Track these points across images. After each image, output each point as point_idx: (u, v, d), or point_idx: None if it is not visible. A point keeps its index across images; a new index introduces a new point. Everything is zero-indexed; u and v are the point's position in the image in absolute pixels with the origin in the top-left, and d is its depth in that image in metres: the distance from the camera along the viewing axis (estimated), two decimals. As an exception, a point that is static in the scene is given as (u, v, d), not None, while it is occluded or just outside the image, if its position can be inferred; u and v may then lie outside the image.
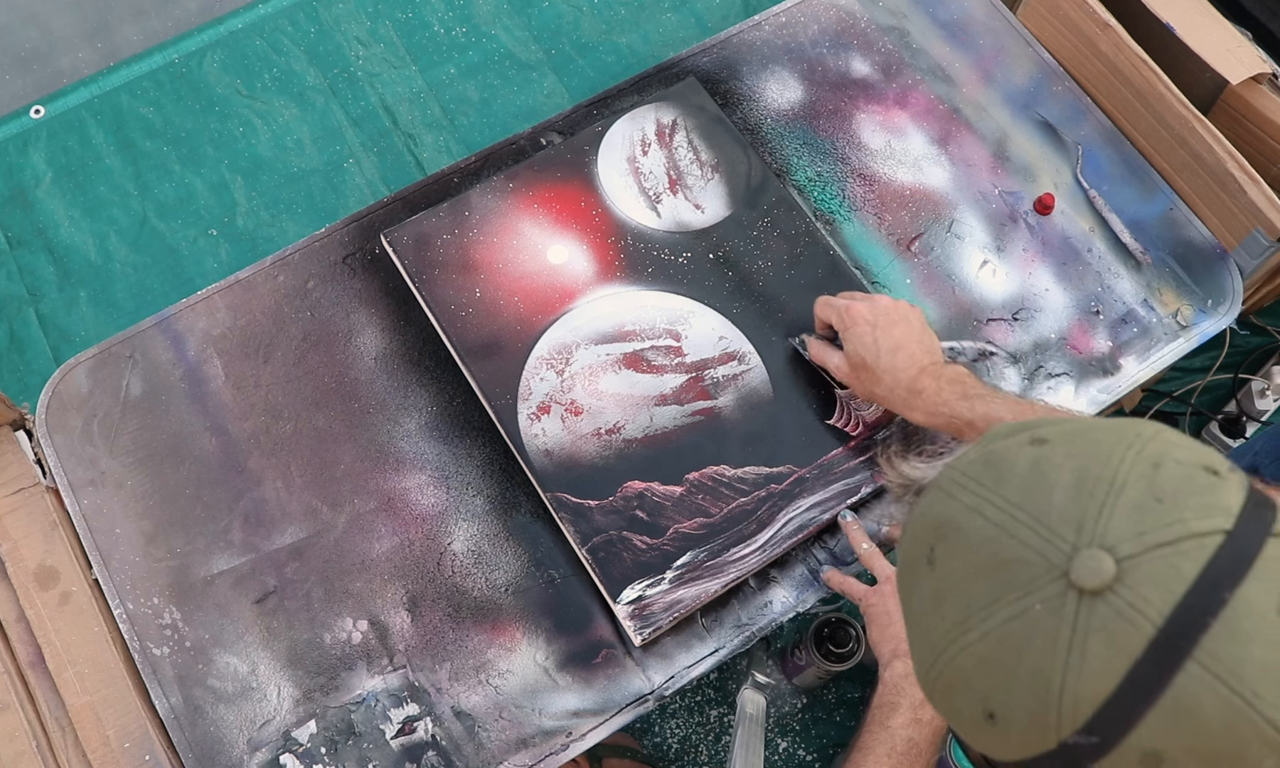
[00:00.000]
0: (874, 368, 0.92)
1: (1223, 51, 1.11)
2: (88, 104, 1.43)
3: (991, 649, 0.47)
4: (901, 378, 0.90)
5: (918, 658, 0.52)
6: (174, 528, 0.95)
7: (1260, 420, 1.34)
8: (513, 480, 0.98)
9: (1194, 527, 0.45)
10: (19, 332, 1.31)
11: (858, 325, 0.93)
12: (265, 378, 1.02)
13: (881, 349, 0.91)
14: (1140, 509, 0.46)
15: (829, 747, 1.18)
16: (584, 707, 0.91)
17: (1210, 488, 0.47)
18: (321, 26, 1.49)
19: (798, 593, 0.95)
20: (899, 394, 0.91)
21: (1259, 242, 1.06)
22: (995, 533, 0.48)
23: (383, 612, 0.93)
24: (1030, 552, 0.47)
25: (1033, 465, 0.49)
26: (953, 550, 0.50)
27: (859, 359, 0.93)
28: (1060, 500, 0.47)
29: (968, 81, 1.18)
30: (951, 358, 0.97)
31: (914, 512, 0.54)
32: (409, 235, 1.06)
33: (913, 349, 0.91)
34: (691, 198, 1.09)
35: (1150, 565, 0.44)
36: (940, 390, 0.88)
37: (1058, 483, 0.48)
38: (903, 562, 0.54)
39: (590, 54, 1.48)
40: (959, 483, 0.51)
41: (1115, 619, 0.44)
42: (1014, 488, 0.49)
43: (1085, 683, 0.45)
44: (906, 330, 0.92)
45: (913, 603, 0.52)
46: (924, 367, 0.90)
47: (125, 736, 0.88)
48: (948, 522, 0.50)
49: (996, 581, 0.47)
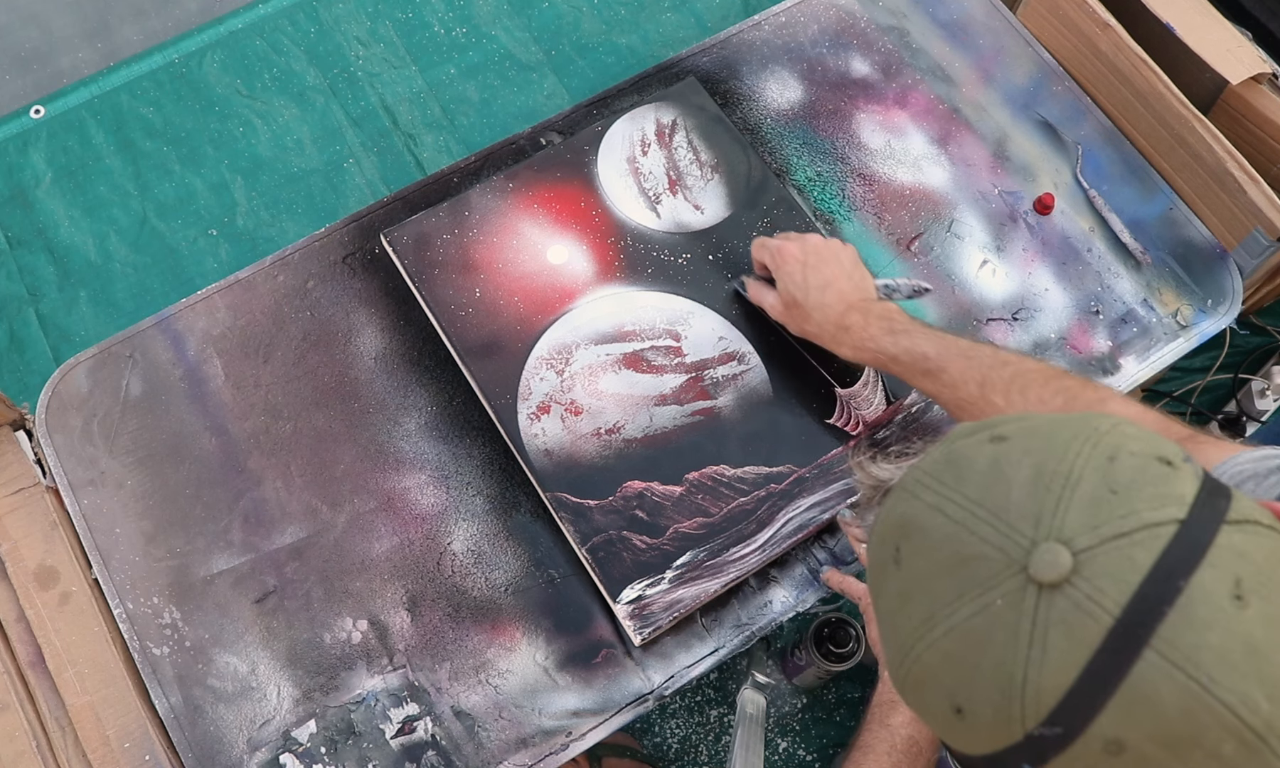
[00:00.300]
0: (804, 305, 0.94)
1: (1223, 51, 1.11)
2: (88, 104, 1.43)
3: (956, 645, 0.48)
4: (830, 314, 0.92)
5: (889, 658, 0.53)
6: (174, 528, 0.95)
7: (1260, 420, 1.34)
8: (513, 480, 0.98)
9: (1148, 517, 0.46)
10: (19, 332, 1.31)
11: (788, 263, 0.95)
12: (265, 378, 1.02)
13: (811, 286, 0.93)
14: (1096, 502, 0.47)
15: (829, 747, 1.18)
16: (584, 707, 0.91)
17: (1164, 478, 0.47)
18: (321, 26, 1.49)
19: (798, 593, 0.95)
20: (828, 330, 0.93)
21: (1259, 241, 1.06)
22: (956, 530, 0.49)
23: (383, 612, 0.93)
24: (990, 548, 0.47)
25: (992, 463, 0.50)
26: (917, 550, 0.51)
27: (790, 297, 0.95)
28: (1018, 496, 0.48)
29: (968, 81, 1.18)
30: (886, 295, 0.98)
31: (880, 512, 0.55)
32: (409, 235, 1.06)
33: (842, 286, 0.93)
34: (691, 198, 1.09)
35: (1106, 557, 0.45)
36: (867, 326, 0.90)
37: (1015, 479, 0.48)
38: (871, 563, 0.55)
39: (590, 54, 1.48)
40: (922, 483, 0.52)
41: (1073, 611, 0.45)
42: (974, 485, 0.49)
43: (1047, 675, 0.45)
44: (836, 268, 0.94)
45: (881, 603, 0.53)
46: (852, 303, 0.92)
47: (125, 736, 0.88)
48: (911, 521, 0.51)
49: (959, 577, 0.48)
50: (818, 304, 0.93)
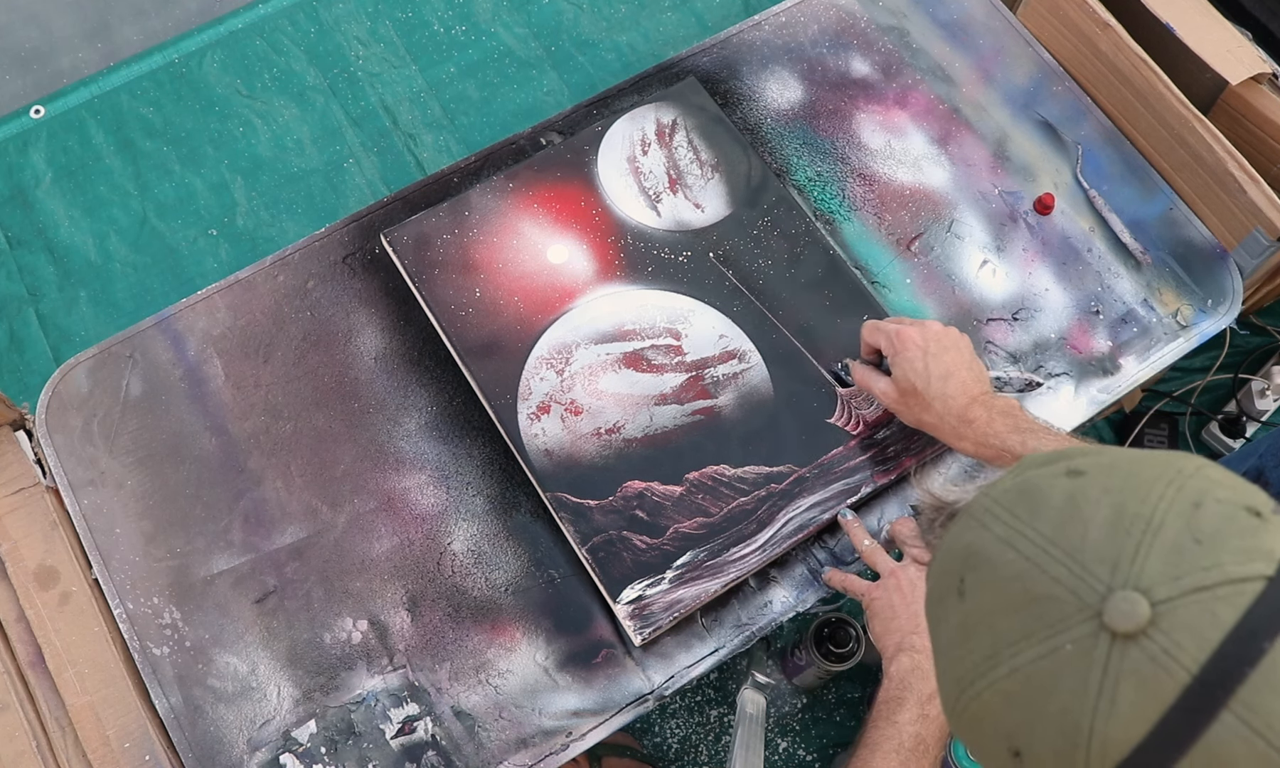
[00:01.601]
0: (924, 394, 0.90)
1: (1223, 51, 1.11)
2: (88, 104, 1.43)
3: (1019, 687, 0.46)
4: (952, 406, 0.89)
5: (944, 689, 0.51)
6: (174, 528, 0.95)
7: (1260, 420, 1.34)
8: (513, 480, 0.98)
9: (1233, 571, 0.44)
10: (19, 332, 1.31)
11: (908, 350, 0.92)
12: (265, 378, 1.02)
13: (933, 375, 0.90)
14: (1178, 551, 0.44)
15: (829, 747, 1.18)
16: (584, 707, 0.91)
17: (1252, 530, 0.45)
18: (321, 26, 1.49)
19: (798, 593, 0.95)
20: (949, 422, 0.90)
21: (1259, 241, 1.06)
22: (1027, 567, 0.47)
23: (383, 612, 0.93)
24: (1062, 589, 0.45)
25: (1068, 499, 0.48)
26: (983, 582, 0.49)
27: (909, 385, 0.91)
28: (1095, 537, 0.46)
29: (968, 81, 1.18)
30: (998, 388, 0.96)
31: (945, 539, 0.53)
32: (409, 235, 1.06)
33: (964, 377, 0.90)
34: (691, 197, 1.09)
35: (1186, 611, 0.43)
36: (991, 421, 0.87)
37: (1093, 519, 0.46)
38: (931, 590, 0.53)
39: (590, 52, 1.48)
40: (992, 512, 0.50)
41: (1148, 665, 0.43)
42: (1048, 521, 0.47)
43: (1115, 728, 0.43)
44: (958, 357, 0.91)
45: (941, 634, 0.51)
46: (975, 396, 0.89)
47: (125, 736, 0.88)
48: (978, 553, 0.49)
49: (1027, 617, 0.46)
50: (939, 394, 0.90)
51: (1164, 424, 1.34)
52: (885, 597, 0.88)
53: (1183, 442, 1.34)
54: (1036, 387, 1.01)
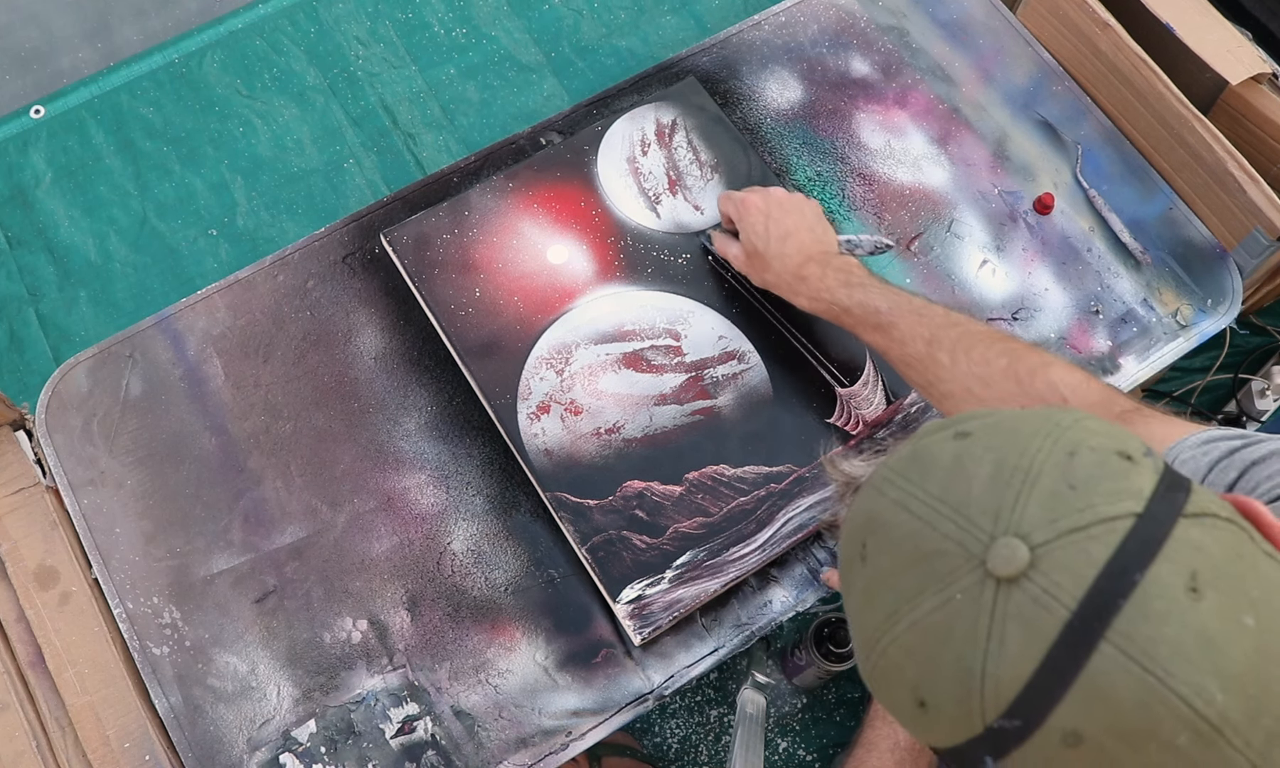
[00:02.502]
0: (764, 254, 0.95)
1: (1223, 51, 1.11)
2: (88, 104, 1.43)
3: (918, 639, 0.48)
4: (789, 264, 0.94)
5: (858, 654, 0.53)
6: (174, 528, 0.95)
7: (1260, 420, 1.34)
8: (512, 480, 0.98)
9: (1104, 511, 0.46)
10: (19, 332, 1.31)
11: (751, 214, 0.97)
12: (265, 378, 1.02)
13: (772, 236, 0.95)
14: (1054, 496, 0.47)
15: (829, 747, 1.18)
16: (584, 706, 0.91)
17: (1124, 473, 0.48)
18: (321, 26, 1.49)
19: (798, 593, 0.95)
20: (786, 279, 0.94)
21: (1259, 241, 1.06)
22: (919, 526, 0.49)
23: (382, 611, 0.93)
24: (951, 543, 0.48)
25: (955, 459, 0.50)
26: (881, 545, 0.51)
27: (751, 246, 0.97)
28: (978, 491, 0.48)
29: (968, 81, 1.18)
30: (848, 251, 0.99)
31: (850, 510, 0.55)
32: (409, 235, 1.06)
33: (803, 238, 0.95)
34: (691, 198, 1.09)
35: (1063, 551, 0.46)
36: (824, 277, 0.92)
37: (976, 474, 0.49)
38: (841, 560, 0.55)
39: (590, 57, 1.48)
40: (888, 479, 0.52)
41: (1030, 605, 0.45)
42: (936, 481, 0.50)
43: (1005, 668, 0.46)
44: (799, 219, 0.96)
45: (850, 600, 0.54)
46: (812, 255, 0.94)
47: (125, 736, 0.88)
48: (876, 517, 0.52)
49: (920, 572, 0.48)
50: (778, 254, 0.95)
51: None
52: None
53: (1183, 442, 1.34)
54: (887, 248, 1.03)
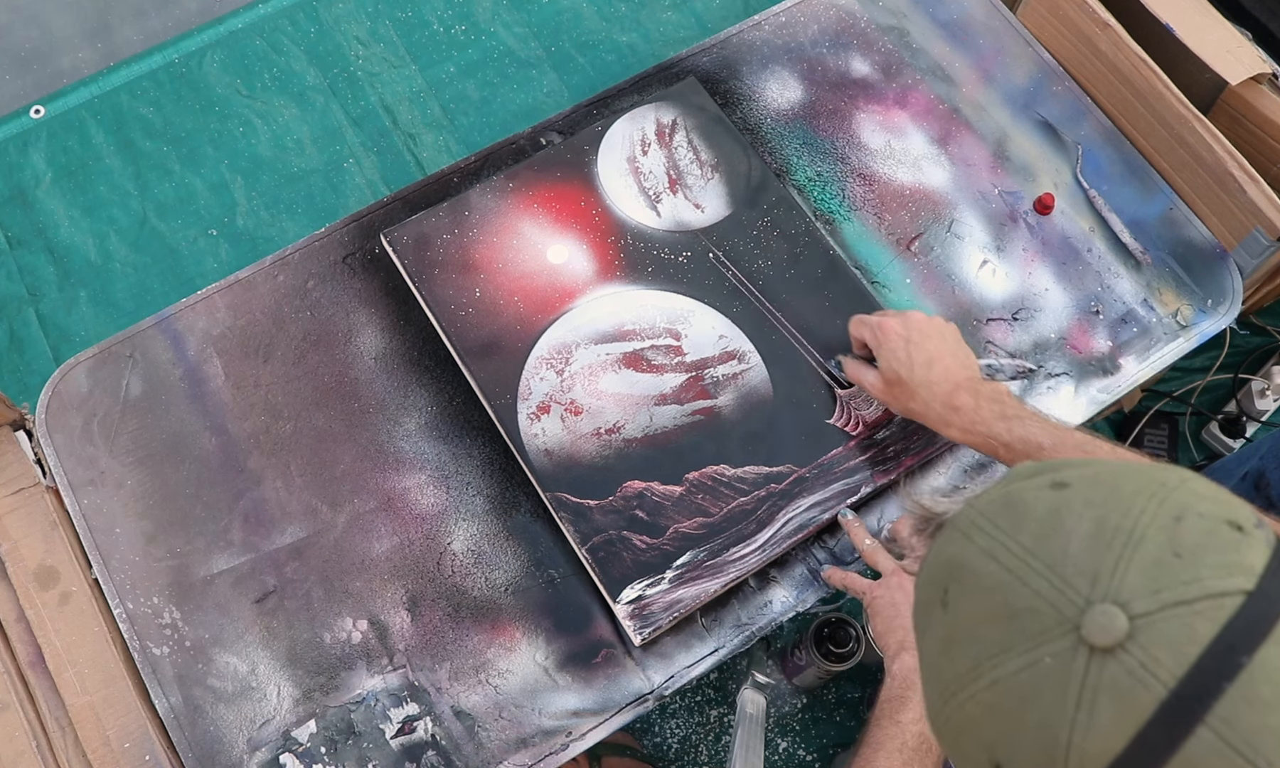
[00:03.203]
0: (909, 382, 0.91)
1: (1223, 51, 1.11)
2: (88, 104, 1.43)
3: (1000, 698, 0.46)
4: (938, 392, 0.89)
5: (928, 698, 0.51)
6: (174, 528, 0.95)
7: (1260, 420, 1.34)
8: (512, 480, 0.98)
9: (1212, 586, 0.44)
10: (19, 332, 1.31)
11: (890, 340, 0.92)
12: (265, 378, 1.02)
13: (916, 363, 0.91)
14: (1158, 565, 0.45)
15: (829, 747, 1.18)
16: (584, 706, 0.91)
17: (1233, 545, 0.45)
18: (321, 26, 1.49)
19: (798, 593, 0.95)
20: (935, 409, 0.90)
21: (1259, 241, 1.06)
22: (1009, 579, 0.47)
23: (383, 612, 0.93)
24: (1043, 602, 0.46)
25: (1051, 511, 0.48)
26: (966, 593, 0.49)
27: (894, 374, 0.92)
28: (1076, 550, 0.46)
29: (968, 81, 1.18)
30: (989, 375, 0.96)
31: (931, 550, 0.53)
32: (409, 235, 1.06)
33: (948, 363, 0.90)
34: (691, 197, 1.09)
35: (1165, 625, 0.43)
36: (978, 408, 0.87)
37: (1075, 532, 0.47)
38: (918, 601, 0.53)
39: (590, 52, 1.48)
40: (976, 524, 0.50)
41: (1126, 679, 0.43)
42: (1030, 534, 0.48)
43: (1093, 741, 0.44)
44: (941, 344, 0.92)
45: (925, 644, 0.52)
46: (960, 382, 0.89)
47: (125, 736, 0.88)
48: (962, 564, 0.50)
49: (1008, 629, 0.46)
50: (924, 382, 0.90)
51: (1164, 424, 1.34)
52: (887, 595, 0.88)
53: (1183, 442, 1.34)
54: (1029, 373, 1.01)
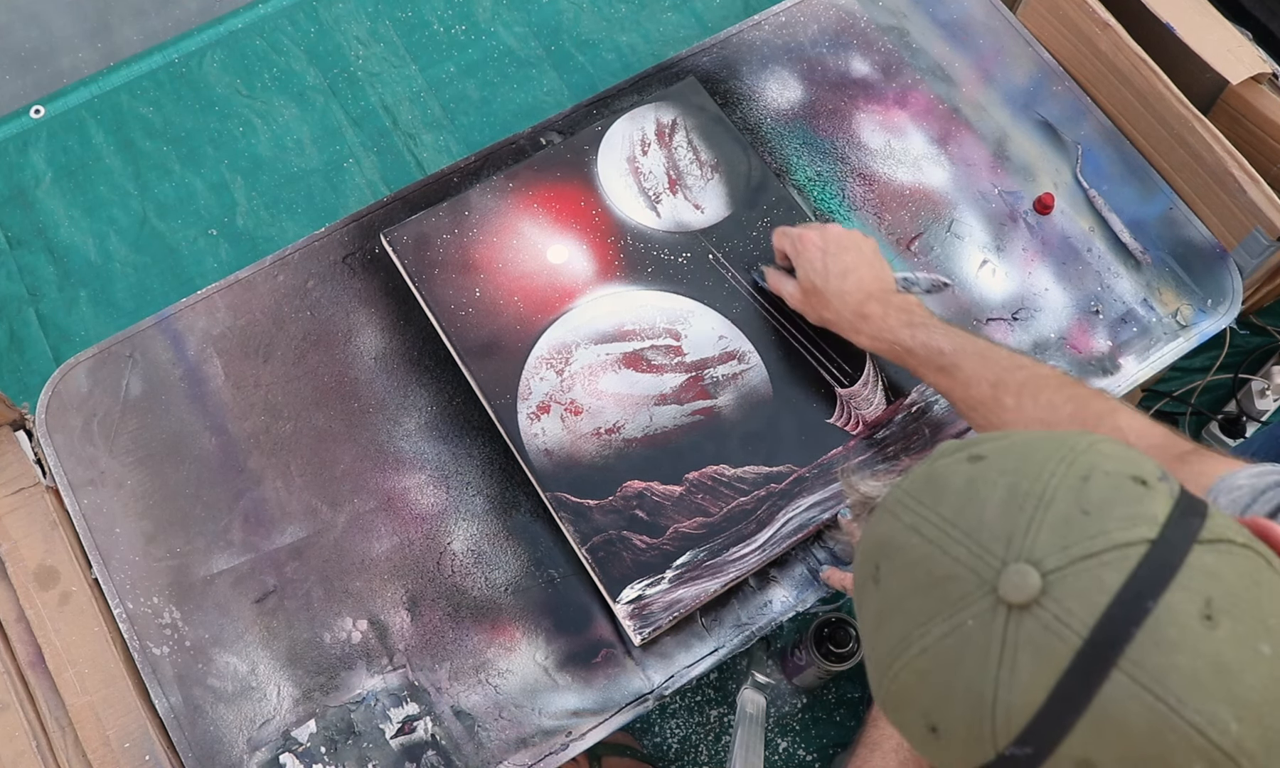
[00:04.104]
0: (823, 291, 0.94)
1: (1223, 51, 1.11)
2: (88, 104, 1.43)
3: (930, 665, 0.48)
4: (849, 302, 0.93)
5: (871, 676, 0.53)
6: (174, 528, 0.95)
7: (1260, 420, 1.34)
8: (512, 480, 0.98)
9: (1118, 537, 0.46)
10: (19, 332, 1.31)
11: (809, 250, 0.95)
12: (265, 378, 1.02)
13: (831, 273, 0.94)
14: (1067, 522, 0.47)
15: (829, 747, 1.18)
16: (584, 706, 0.91)
17: (1137, 498, 0.47)
18: (321, 26, 1.49)
19: (798, 593, 0.95)
20: (846, 318, 0.93)
21: (1259, 241, 1.06)
22: (931, 550, 0.49)
23: (382, 611, 0.93)
24: (962, 568, 0.48)
25: (968, 482, 0.50)
26: (894, 569, 0.51)
27: (810, 283, 0.95)
28: (991, 516, 0.48)
29: (968, 81, 1.18)
30: (905, 288, 0.99)
31: (864, 531, 0.55)
32: (409, 235, 1.06)
33: (863, 274, 0.93)
34: (691, 198, 1.09)
35: (1075, 578, 0.45)
36: (886, 316, 0.90)
37: (989, 499, 0.49)
38: (855, 581, 0.55)
39: (590, 51, 1.48)
40: (902, 502, 0.52)
41: (1042, 633, 0.45)
42: (949, 505, 0.50)
43: (1017, 695, 0.45)
44: (857, 256, 0.94)
45: (863, 622, 0.53)
46: (872, 292, 0.92)
47: (125, 736, 0.88)
48: (889, 540, 0.52)
49: (932, 597, 0.48)
50: (837, 291, 0.93)
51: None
52: None
53: (1183, 441, 1.34)
54: (943, 287, 1.03)
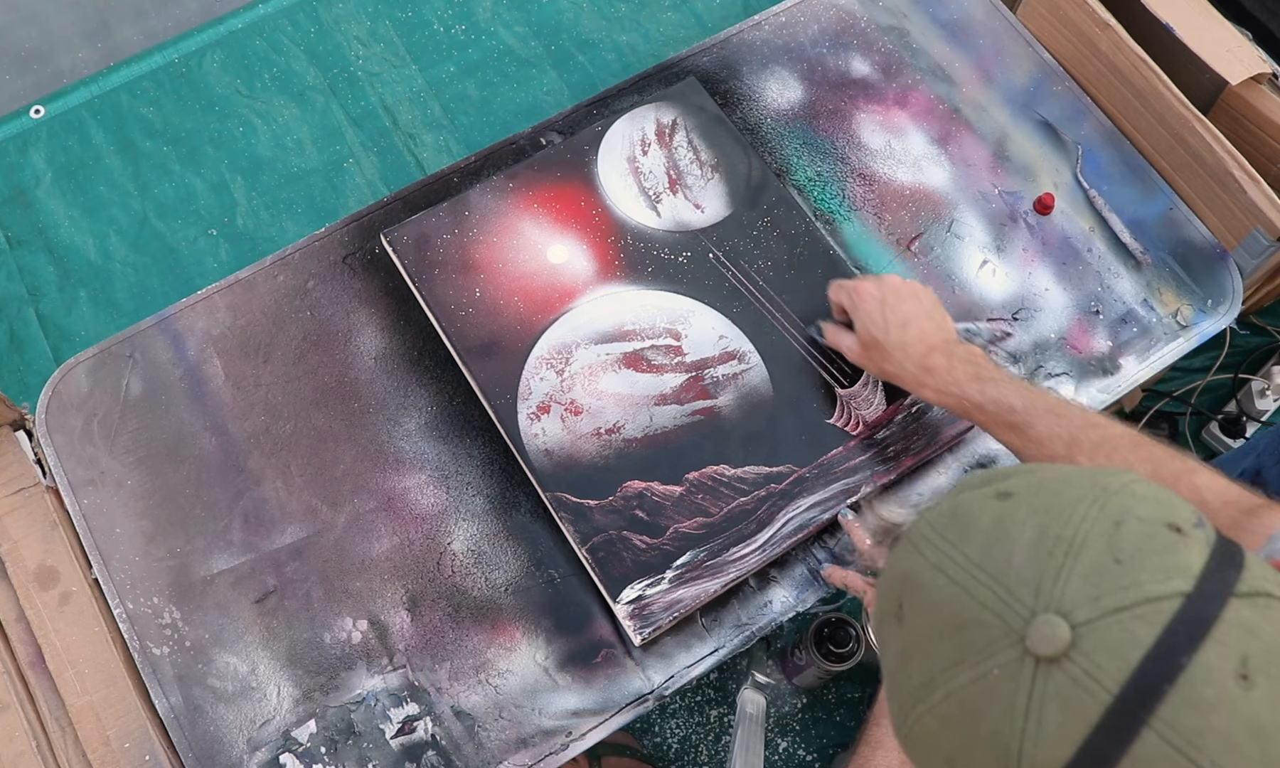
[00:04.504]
0: (884, 344, 0.91)
1: (1223, 51, 1.11)
2: (88, 104, 1.43)
3: (954, 711, 0.47)
4: (912, 353, 0.90)
5: (892, 712, 0.52)
6: (174, 528, 0.95)
7: (1260, 420, 1.34)
8: (513, 480, 0.98)
9: (1151, 590, 0.44)
10: (19, 332, 1.31)
11: (866, 302, 0.93)
12: (265, 378, 1.02)
13: (890, 324, 0.91)
14: (1098, 571, 0.45)
15: (829, 747, 1.18)
16: (584, 707, 0.91)
17: (1172, 547, 0.46)
18: (321, 26, 1.49)
19: (798, 593, 0.95)
20: (909, 371, 0.90)
21: (1259, 241, 1.06)
22: (957, 592, 0.48)
23: (383, 612, 0.93)
24: (989, 614, 0.46)
25: (996, 521, 0.48)
26: (918, 608, 0.49)
27: (869, 336, 0.93)
28: (1020, 560, 0.46)
29: (968, 81, 1.18)
30: (967, 339, 0.97)
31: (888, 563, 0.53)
32: (409, 235, 1.06)
33: (923, 325, 0.91)
34: (691, 197, 1.09)
35: (1106, 632, 0.44)
36: (952, 369, 0.87)
37: (1019, 541, 0.47)
38: (877, 614, 0.53)
39: (590, 51, 1.48)
40: (926, 537, 0.50)
41: (1071, 687, 0.44)
42: (976, 545, 0.48)
43: (1042, 750, 0.44)
44: (916, 306, 0.92)
45: (886, 658, 0.52)
46: (935, 344, 0.90)
47: (125, 736, 0.88)
48: (913, 577, 0.50)
49: (958, 642, 0.47)
50: (898, 343, 0.90)
51: (1164, 424, 1.34)
52: None
53: (1183, 442, 1.34)
54: (1006, 337, 1.02)
